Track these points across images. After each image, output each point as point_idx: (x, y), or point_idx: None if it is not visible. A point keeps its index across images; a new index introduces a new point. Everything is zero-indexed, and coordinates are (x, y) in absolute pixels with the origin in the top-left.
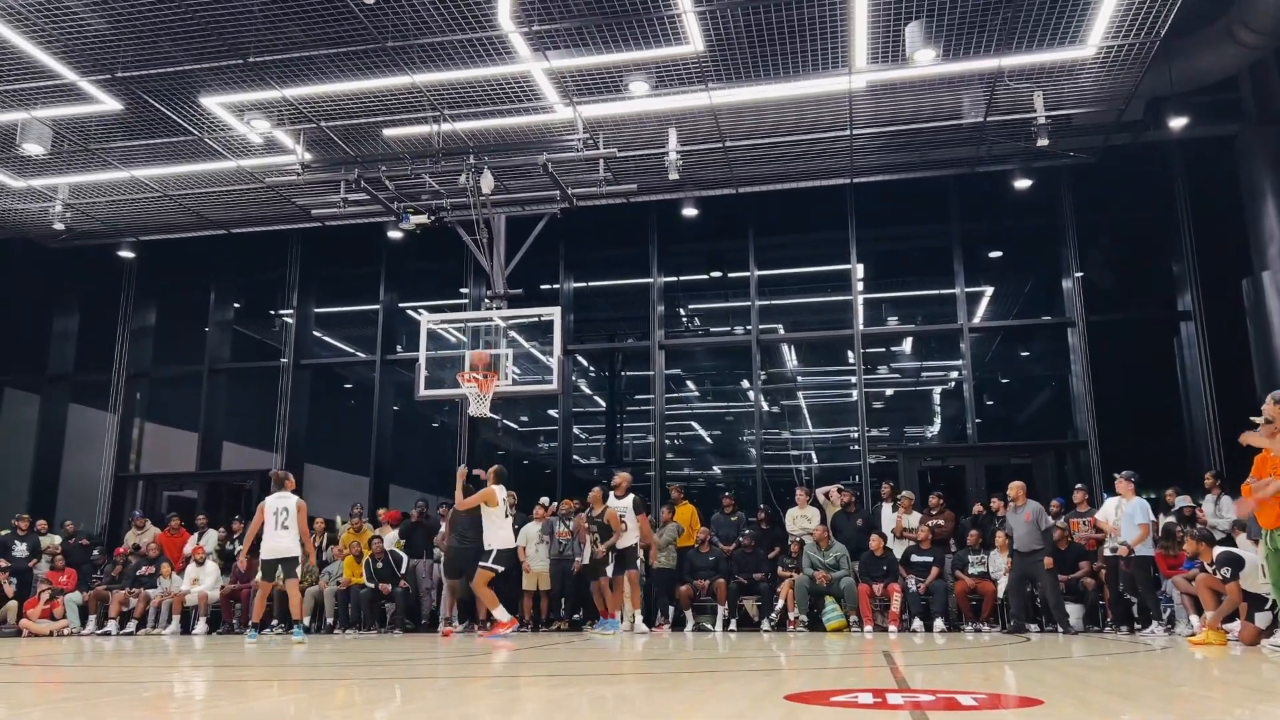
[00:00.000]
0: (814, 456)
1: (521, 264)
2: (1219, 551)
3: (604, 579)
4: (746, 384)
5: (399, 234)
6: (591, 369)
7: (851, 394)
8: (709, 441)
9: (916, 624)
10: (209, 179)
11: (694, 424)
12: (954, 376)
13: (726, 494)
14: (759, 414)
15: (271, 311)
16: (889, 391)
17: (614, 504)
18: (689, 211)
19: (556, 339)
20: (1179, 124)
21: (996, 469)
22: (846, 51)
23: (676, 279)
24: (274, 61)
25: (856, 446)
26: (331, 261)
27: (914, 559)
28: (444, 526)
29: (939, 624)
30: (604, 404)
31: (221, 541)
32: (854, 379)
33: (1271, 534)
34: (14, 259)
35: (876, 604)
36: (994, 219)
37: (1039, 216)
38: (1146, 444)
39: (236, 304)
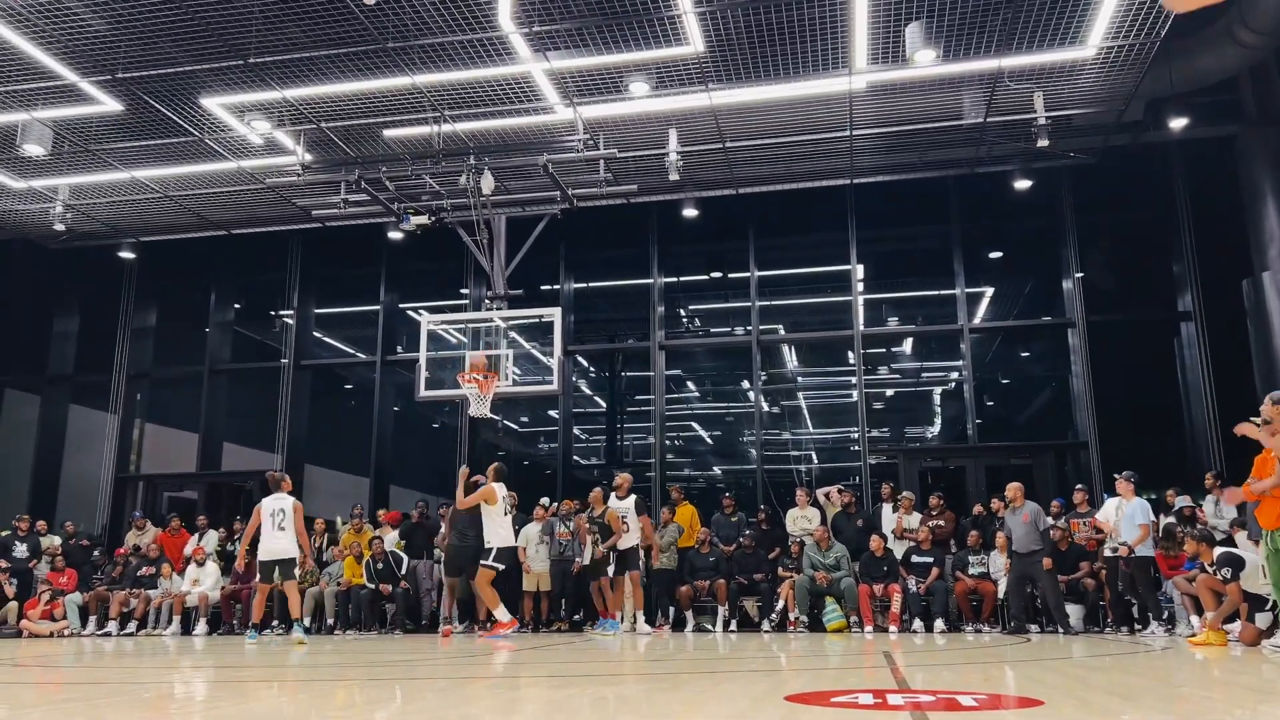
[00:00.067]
0: (814, 457)
1: (522, 265)
2: (1219, 552)
3: (604, 579)
4: (747, 384)
5: (399, 235)
6: (592, 370)
7: (852, 394)
8: (709, 442)
9: (917, 624)
10: (209, 180)
11: (694, 425)
12: (954, 377)
13: (727, 495)
14: (759, 414)
15: (272, 312)
16: (889, 392)
17: (616, 505)
18: (689, 212)
19: (557, 340)
20: (1179, 125)
21: (997, 470)
22: (847, 52)
23: (677, 279)
24: (274, 62)
25: (857, 447)
26: (332, 262)
27: (914, 559)
28: (444, 526)
29: (939, 625)
30: (604, 405)
31: (222, 542)
32: (854, 380)
33: (1272, 534)
34: (14, 260)
35: (877, 605)
36: (994, 219)
37: (1039, 217)
38: (1147, 444)
39: (237, 305)
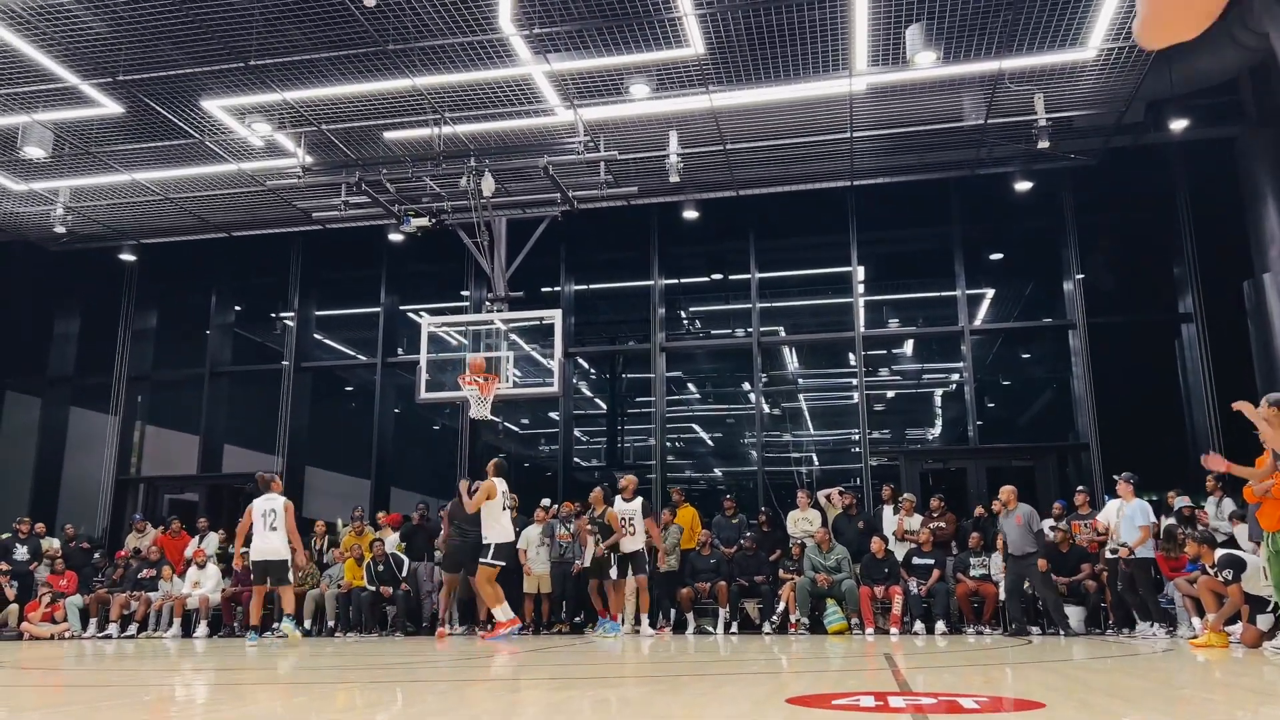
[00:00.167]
0: (815, 459)
1: (522, 267)
2: (1221, 554)
3: (607, 581)
4: (747, 386)
5: (400, 237)
6: (592, 371)
7: (852, 396)
8: (710, 444)
9: (918, 626)
10: (210, 182)
11: (695, 426)
12: (955, 379)
13: (728, 496)
14: (760, 416)
15: (272, 314)
16: (890, 394)
17: (622, 507)
18: (690, 214)
19: (557, 341)
20: (1179, 126)
21: (998, 471)
22: (847, 54)
23: (677, 281)
24: (275, 64)
25: (857, 449)
26: (332, 264)
27: (915, 561)
28: (444, 527)
29: (940, 626)
30: (605, 406)
31: (222, 544)
32: (855, 381)
33: (1273, 536)
34: (15, 262)
35: (878, 606)
36: (995, 221)
37: (1040, 219)
38: (1148, 446)
39: (237, 307)
